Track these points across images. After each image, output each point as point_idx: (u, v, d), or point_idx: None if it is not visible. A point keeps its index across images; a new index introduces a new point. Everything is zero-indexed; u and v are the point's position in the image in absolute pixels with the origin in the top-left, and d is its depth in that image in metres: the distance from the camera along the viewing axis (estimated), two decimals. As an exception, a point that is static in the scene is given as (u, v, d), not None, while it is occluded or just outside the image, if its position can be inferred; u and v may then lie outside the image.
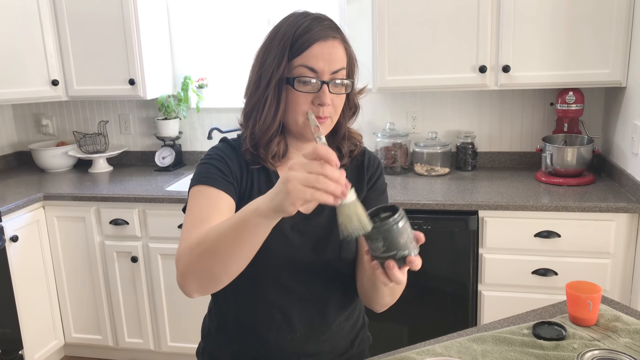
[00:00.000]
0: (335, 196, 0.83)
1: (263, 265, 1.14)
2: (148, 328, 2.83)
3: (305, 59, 1.10)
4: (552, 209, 2.27)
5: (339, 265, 1.22)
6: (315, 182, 0.81)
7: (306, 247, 1.18)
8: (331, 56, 1.10)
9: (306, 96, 1.11)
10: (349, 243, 1.22)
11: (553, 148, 2.54)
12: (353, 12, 2.93)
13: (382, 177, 1.32)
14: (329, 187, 0.82)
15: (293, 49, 1.10)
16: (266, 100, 1.13)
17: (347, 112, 1.22)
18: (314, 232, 1.19)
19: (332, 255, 1.20)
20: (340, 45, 1.13)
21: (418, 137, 2.98)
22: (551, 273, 2.31)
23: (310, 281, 1.20)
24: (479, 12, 2.48)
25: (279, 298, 1.19)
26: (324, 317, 1.24)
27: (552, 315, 1.37)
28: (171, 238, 2.68)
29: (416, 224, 2.37)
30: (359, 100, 1.25)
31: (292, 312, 1.20)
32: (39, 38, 2.88)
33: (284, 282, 1.18)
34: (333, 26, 1.14)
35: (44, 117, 3.43)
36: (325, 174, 0.82)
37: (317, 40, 1.10)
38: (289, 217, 1.12)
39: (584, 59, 2.44)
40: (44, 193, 2.75)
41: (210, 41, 3.18)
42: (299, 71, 1.10)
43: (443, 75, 2.57)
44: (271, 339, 1.21)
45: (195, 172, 1.16)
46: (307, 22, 1.12)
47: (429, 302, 2.47)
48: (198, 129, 3.28)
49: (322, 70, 1.10)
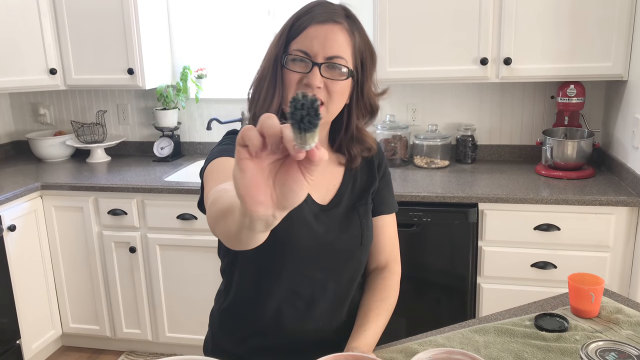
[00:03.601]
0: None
1: (289, 257, 1.15)
2: (146, 318, 2.83)
3: (300, 40, 1.09)
4: (552, 202, 2.27)
5: (359, 252, 1.24)
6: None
7: (330, 236, 1.19)
8: (327, 40, 1.08)
9: (295, 75, 1.09)
10: (367, 231, 1.24)
11: (553, 141, 2.54)
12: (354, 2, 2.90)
13: (387, 163, 1.35)
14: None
15: (292, 30, 1.10)
16: (265, 79, 1.13)
17: (357, 110, 1.19)
18: (335, 222, 1.20)
19: (353, 243, 1.22)
20: (342, 32, 1.10)
21: (418, 130, 2.97)
22: (550, 266, 2.31)
23: (332, 270, 1.21)
24: (480, 4, 2.46)
25: (303, 288, 1.19)
26: (344, 305, 1.25)
27: (553, 307, 1.37)
28: (170, 229, 2.67)
29: (416, 216, 2.37)
30: (377, 102, 1.21)
31: (316, 302, 1.20)
32: (37, 26, 2.85)
33: (309, 272, 1.18)
34: (339, 12, 1.11)
35: (41, 107, 3.41)
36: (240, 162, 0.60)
37: (314, 23, 1.08)
38: (309, 209, 1.10)
39: (586, 52, 2.43)
40: (41, 182, 2.74)
41: (209, 31, 3.15)
42: (292, 52, 1.09)
43: (444, 67, 2.56)
44: (292, 328, 1.21)
45: (208, 157, 1.13)
46: (313, 4, 1.12)
47: (428, 295, 2.47)
48: (197, 120, 3.26)
49: (316, 53, 1.08)
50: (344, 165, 1.25)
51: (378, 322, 1.22)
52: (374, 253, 1.31)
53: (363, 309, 1.25)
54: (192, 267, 2.70)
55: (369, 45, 1.16)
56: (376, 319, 1.22)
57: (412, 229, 2.37)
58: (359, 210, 1.24)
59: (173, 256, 2.71)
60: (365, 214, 1.25)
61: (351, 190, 1.25)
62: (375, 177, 1.28)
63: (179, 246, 2.68)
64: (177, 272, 2.73)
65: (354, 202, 1.24)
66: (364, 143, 1.24)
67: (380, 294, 1.27)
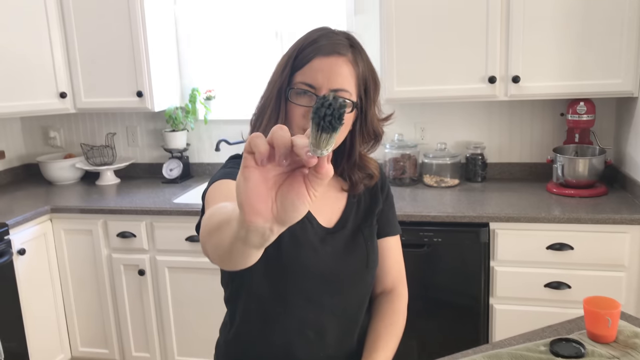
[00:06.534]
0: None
1: (295, 283, 1.14)
2: (155, 341, 2.81)
3: (304, 73, 1.08)
4: (565, 221, 2.23)
5: (365, 275, 1.22)
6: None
7: (336, 259, 1.18)
8: (332, 73, 1.07)
9: (300, 109, 1.08)
10: (373, 253, 1.23)
11: (564, 159, 2.51)
12: (360, 23, 2.92)
13: (389, 186, 1.34)
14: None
15: (296, 61, 1.09)
16: (267, 110, 1.12)
17: (361, 137, 1.18)
18: (340, 245, 1.19)
19: (360, 265, 1.20)
20: (346, 65, 1.09)
21: (427, 148, 2.95)
22: (564, 286, 2.27)
23: (340, 294, 1.19)
24: (487, 22, 2.46)
25: (311, 315, 1.17)
26: (354, 330, 1.23)
27: (569, 331, 1.33)
28: (179, 251, 2.66)
29: (426, 236, 2.34)
30: (382, 127, 1.20)
31: (325, 329, 1.18)
32: (48, 51, 2.88)
33: (316, 297, 1.16)
34: (343, 43, 1.10)
35: (51, 130, 3.43)
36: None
37: (318, 55, 1.07)
38: (315, 232, 1.07)
39: (595, 68, 2.41)
40: (51, 206, 2.74)
41: (218, 53, 3.17)
42: (297, 85, 1.09)
43: (452, 85, 2.55)
44: (303, 357, 1.18)
45: (210, 180, 1.12)
46: (317, 35, 1.11)
47: (439, 316, 2.43)
48: (206, 141, 3.27)
49: (320, 85, 1.07)
50: (346, 191, 1.24)
51: (388, 348, 1.20)
52: (380, 276, 1.30)
53: (372, 335, 1.22)
54: (201, 289, 2.68)
55: (372, 72, 1.15)
56: (386, 345, 1.20)
57: (422, 249, 2.34)
58: (364, 232, 1.23)
59: (182, 279, 2.69)
60: (371, 236, 1.24)
61: (356, 212, 1.24)
62: (378, 199, 1.27)
63: (188, 268, 2.67)
64: (187, 294, 2.71)
65: (359, 224, 1.23)
66: (366, 170, 1.23)
67: (389, 318, 1.25)
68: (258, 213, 0.57)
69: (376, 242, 1.26)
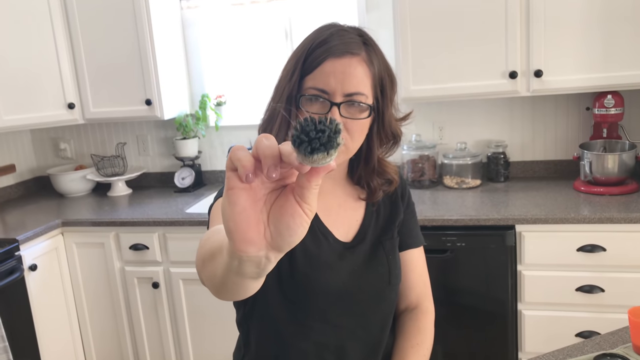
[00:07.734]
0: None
1: (313, 305, 1.04)
2: (171, 355, 2.73)
3: (315, 77, 0.99)
4: (595, 221, 2.12)
5: (388, 293, 1.13)
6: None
7: (355, 276, 1.08)
8: (345, 75, 0.98)
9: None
10: (396, 267, 1.13)
11: (592, 155, 2.39)
12: (373, 21, 2.82)
13: (410, 193, 1.25)
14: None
15: (305, 64, 1.00)
16: (277, 119, 1.03)
17: (379, 140, 1.09)
18: (360, 261, 1.09)
19: (382, 282, 1.11)
20: (361, 65, 1.00)
21: (446, 148, 2.84)
22: (597, 290, 2.15)
23: (361, 314, 1.09)
24: (506, 15, 2.35)
25: (331, 338, 1.07)
26: (377, 352, 1.14)
27: (612, 345, 1.23)
28: (193, 262, 2.58)
29: (449, 240, 2.24)
30: (400, 128, 1.11)
31: (346, 352, 1.09)
32: (55, 61, 2.83)
33: (335, 319, 1.07)
34: (356, 41, 1.01)
35: (61, 141, 3.39)
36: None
37: (330, 57, 0.98)
38: (331, 248, 0.99)
39: (622, 59, 2.29)
40: (62, 219, 2.69)
41: (227, 57, 3.10)
42: (308, 91, 0.99)
43: (471, 82, 2.45)
44: None
45: (217, 193, 1.06)
46: (327, 34, 1.01)
47: (466, 324, 2.33)
48: (218, 148, 3.20)
49: (334, 90, 0.98)
50: (364, 199, 1.15)
51: None
52: (403, 291, 1.20)
53: (397, 357, 1.13)
54: (217, 301, 2.60)
55: (388, 69, 1.06)
56: None
57: (445, 254, 2.24)
58: (385, 246, 1.13)
59: (198, 291, 2.62)
60: (392, 250, 1.14)
61: (375, 223, 1.14)
62: (399, 208, 1.18)
63: (202, 280, 2.59)
64: (202, 307, 2.64)
65: (379, 237, 1.13)
66: (384, 175, 1.13)
67: (415, 338, 1.15)
68: (250, 242, 0.50)
69: (398, 256, 1.16)
